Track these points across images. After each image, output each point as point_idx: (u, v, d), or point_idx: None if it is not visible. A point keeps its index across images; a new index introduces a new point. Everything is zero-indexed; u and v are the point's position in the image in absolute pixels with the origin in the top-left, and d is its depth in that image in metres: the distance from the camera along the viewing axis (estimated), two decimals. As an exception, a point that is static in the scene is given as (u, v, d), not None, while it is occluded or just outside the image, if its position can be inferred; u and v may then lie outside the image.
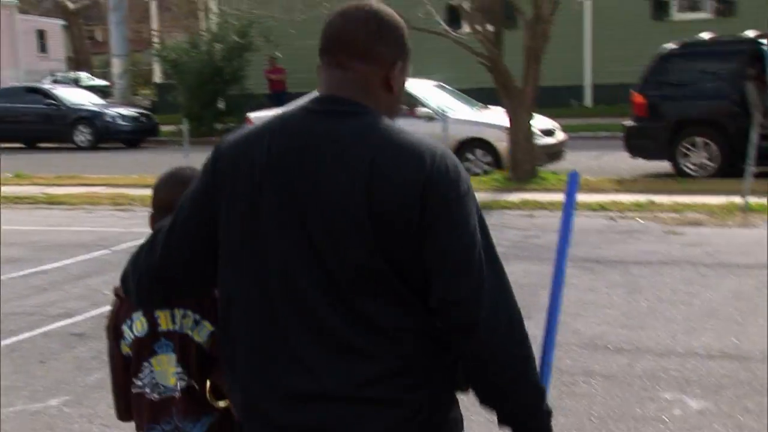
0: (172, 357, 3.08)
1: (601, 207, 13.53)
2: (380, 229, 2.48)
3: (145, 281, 2.80)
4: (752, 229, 11.92)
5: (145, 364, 3.09)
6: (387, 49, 2.68)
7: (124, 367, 3.14)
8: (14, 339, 8.30)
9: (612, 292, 9.10)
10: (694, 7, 28.78)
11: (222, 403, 3.03)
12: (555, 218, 12.95)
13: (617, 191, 15.07)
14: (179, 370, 3.09)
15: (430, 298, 2.53)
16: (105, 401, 6.60)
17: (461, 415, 2.74)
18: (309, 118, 2.64)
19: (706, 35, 17.84)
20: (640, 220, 12.68)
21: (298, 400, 2.52)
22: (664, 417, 6.02)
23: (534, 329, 7.45)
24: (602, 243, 11.33)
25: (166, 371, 3.08)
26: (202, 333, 3.08)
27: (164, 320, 3.07)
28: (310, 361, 2.51)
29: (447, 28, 16.94)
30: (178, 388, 3.08)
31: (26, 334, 8.44)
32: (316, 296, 2.52)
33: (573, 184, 3.19)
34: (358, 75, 2.66)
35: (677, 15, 28.51)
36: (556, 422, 5.90)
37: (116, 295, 3.17)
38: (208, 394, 3.07)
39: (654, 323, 8.03)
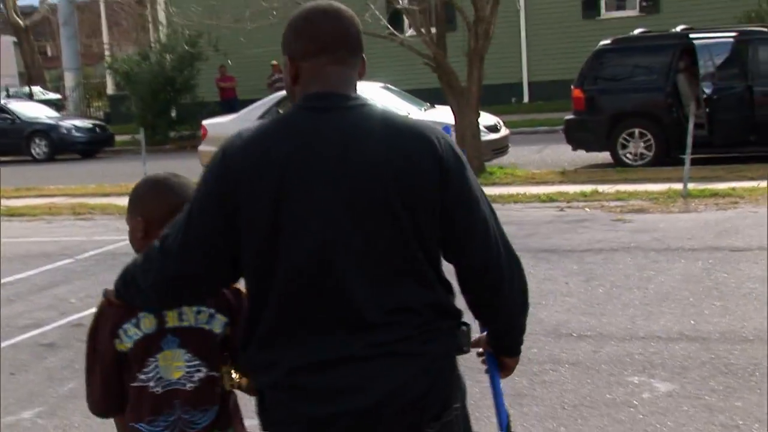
0: (177, 352, 3.07)
1: (549, 198, 13.39)
2: (409, 211, 2.64)
3: (164, 284, 2.77)
4: (694, 213, 11.82)
5: (151, 359, 3.06)
6: (362, 44, 2.79)
7: (117, 364, 3.10)
8: (-19, 352, 7.99)
9: (569, 280, 8.92)
10: (621, 6, 28.85)
11: (244, 381, 3.09)
12: (507, 210, 12.92)
13: (562, 182, 14.99)
14: (193, 363, 3.09)
15: (459, 267, 2.82)
16: (79, 411, 6.34)
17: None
18: (319, 115, 2.67)
19: (638, 31, 17.83)
20: (587, 209, 12.55)
21: (330, 366, 2.63)
22: (633, 401, 5.85)
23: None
24: (553, 233, 11.19)
25: (170, 366, 3.07)
26: (218, 325, 3.10)
27: (171, 318, 3.04)
28: (342, 332, 2.64)
29: (393, 31, 16.79)
30: (186, 380, 3.08)
31: (-6, 346, 8.13)
32: (350, 277, 2.61)
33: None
34: (353, 70, 2.76)
35: (606, 13, 28.58)
36: (530, 411, 5.79)
37: (108, 299, 3.03)
38: (229, 377, 3.15)
39: (613, 309, 7.87)
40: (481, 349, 3.27)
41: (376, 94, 18.24)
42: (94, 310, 3.15)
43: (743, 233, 10.41)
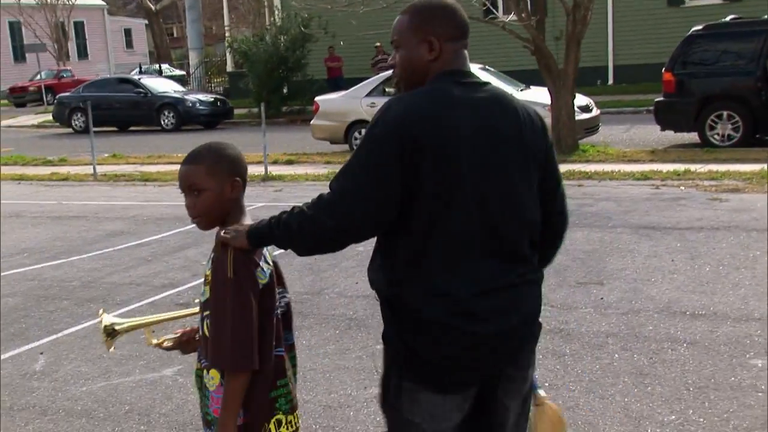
0: None
1: (644, 176, 12.70)
2: (535, 167, 2.97)
3: (364, 226, 2.84)
4: (790, 195, 11.08)
5: (279, 289, 3.09)
6: None
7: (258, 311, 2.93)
8: (125, 309, 7.68)
9: (674, 257, 8.28)
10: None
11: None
12: (602, 187, 12.29)
13: (652, 161, 14.26)
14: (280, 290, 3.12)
15: (550, 213, 3.08)
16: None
17: None
18: (469, 88, 2.91)
19: (729, 18, 17.00)
20: (682, 188, 11.83)
21: (493, 292, 2.87)
22: (761, 385, 5.27)
23: (607, 294, 6.72)
24: (652, 210, 10.53)
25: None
26: None
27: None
28: (502, 264, 2.90)
29: (496, 14, 16.22)
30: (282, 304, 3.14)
31: (135, 305, 7.82)
32: (509, 219, 2.89)
33: None
34: None
35: (690, 1, 27.40)
36: (654, 391, 5.25)
37: (238, 246, 2.91)
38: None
39: (723, 288, 7.23)
40: None
41: (477, 75, 17.71)
42: None
43: (840, 216, 9.70)
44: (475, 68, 12.71)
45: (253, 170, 16.06)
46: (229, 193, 3.00)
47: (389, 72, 19.39)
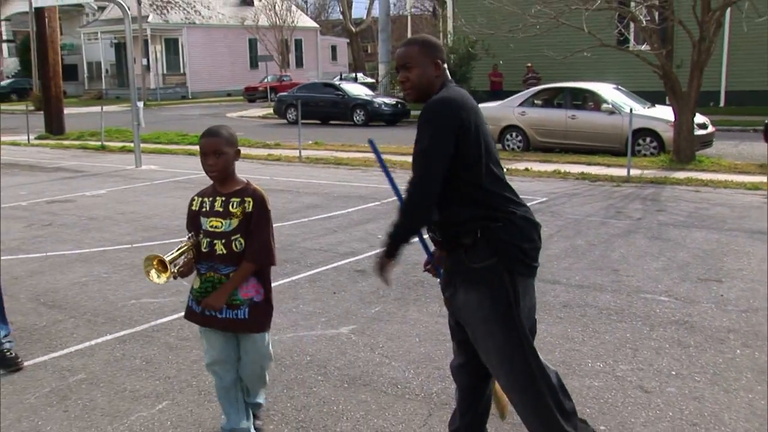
0: None
1: (755, 186, 11.47)
2: None
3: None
4: None
5: None
6: None
7: None
8: (314, 271, 7.30)
9: (787, 261, 7.30)
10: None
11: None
12: (717, 194, 11.11)
13: (761, 173, 12.93)
14: None
15: None
16: (383, 333, 5.52)
17: None
18: (460, 87, 3.28)
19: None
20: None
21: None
22: None
23: (727, 291, 5.78)
24: (762, 217, 9.36)
25: None
26: None
27: None
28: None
29: (638, 46, 15.11)
30: None
31: (322, 268, 7.42)
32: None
33: (373, 146, 3.73)
34: None
35: (797, 38, 25.22)
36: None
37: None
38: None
39: (836, 294, 6.26)
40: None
41: (610, 93, 16.64)
42: None
43: None
44: (610, 87, 11.86)
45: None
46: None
47: (538, 87, 18.58)
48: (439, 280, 3.48)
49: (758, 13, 14.87)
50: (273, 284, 3.88)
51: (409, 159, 3.30)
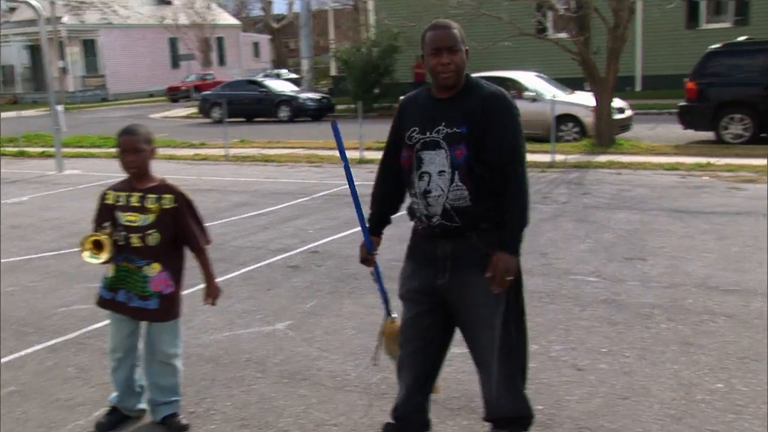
0: None
1: (672, 167, 11.85)
2: None
3: None
4: (797, 184, 10.17)
5: None
6: None
7: None
8: (246, 269, 7.25)
9: (704, 237, 7.55)
10: (717, 20, 26.10)
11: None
12: (638, 175, 11.44)
13: (677, 154, 13.36)
14: None
15: None
16: (320, 326, 5.53)
17: None
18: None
19: (742, 38, 15.95)
20: (705, 177, 10.98)
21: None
22: (794, 357, 4.62)
23: (650, 269, 5.97)
24: (680, 196, 9.73)
25: None
26: None
27: None
28: None
29: (557, 34, 15.42)
30: None
31: (254, 266, 7.38)
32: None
33: (336, 129, 3.59)
34: None
35: (705, 25, 26.00)
36: (699, 360, 4.59)
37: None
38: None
39: (751, 267, 6.49)
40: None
41: (532, 81, 16.93)
42: (327, 240, 3.96)
43: None
44: (531, 75, 12.09)
45: (350, 155, 15.60)
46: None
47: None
48: (372, 270, 3.56)
49: (668, 0, 15.33)
50: (204, 285, 3.90)
51: (334, 153, 3.36)
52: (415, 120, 3.28)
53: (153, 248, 3.83)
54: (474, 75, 3.35)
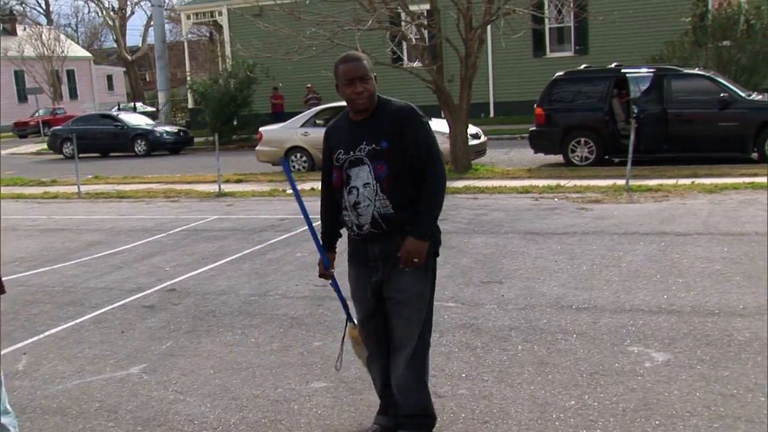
0: None
1: (525, 190, 12.23)
2: None
3: None
4: (638, 204, 10.66)
5: None
6: None
7: None
8: (99, 312, 6.90)
9: (557, 258, 7.78)
10: (560, 49, 27.35)
11: None
12: (494, 199, 11.75)
13: (530, 177, 13.85)
14: None
15: None
16: (177, 368, 5.31)
17: None
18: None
19: (583, 66, 16.79)
20: (556, 199, 11.40)
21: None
22: (639, 370, 4.80)
23: (507, 291, 6.11)
24: (534, 218, 10.04)
25: None
26: None
27: None
28: None
29: (411, 64, 15.71)
30: None
31: (108, 307, 7.03)
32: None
33: (285, 164, 4.62)
34: None
35: (550, 54, 27.23)
36: (554, 378, 4.71)
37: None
38: None
39: (599, 284, 6.74)
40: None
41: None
42: (184, 276, 3.10)
43: (680, 221, 9.33)
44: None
45: (207, 188, 15.29)
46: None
47: (319, 107, 18.76)
48: (330, 282, 4.05)
49: (514, 31, 15.95)
50: (53, 330, 3.66)
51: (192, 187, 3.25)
52: (339, 143, 3.75)
53: None
54: (332, 105, 3.59)
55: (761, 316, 5.68)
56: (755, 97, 14.78)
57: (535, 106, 15.75)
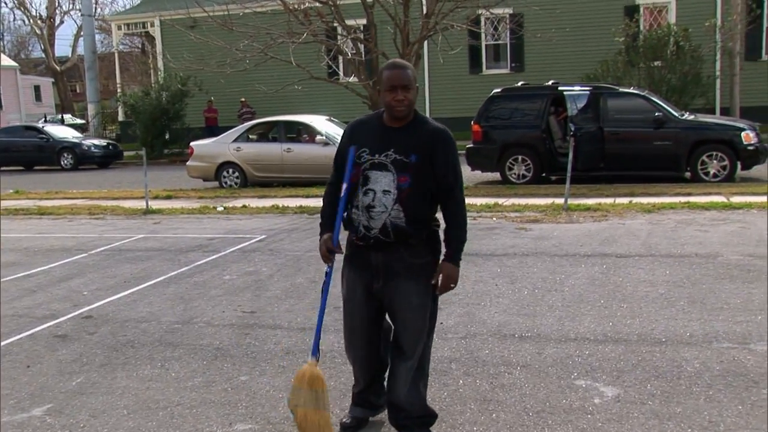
0: None
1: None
2: None
3: None
4: (577, 224, 10.44)
5: None
6: None
7: None
8: (4, 343, 6.28)
9: (497, 282, 7.45)
10: (497, 66, 27.40)
11: None
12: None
13: (468, 196, 13.48)
14: None
15: None
16: (86, 408, 4.78)
17: None
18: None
19: (520, 83, 16.69)
20: (494, 219, 11.13)
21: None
22: (588, 407, 4.45)
23: (446, 318, 5.73)
24: (472, 239, 9.48)
25: None
26: None
27: None
28: None
29: (346, 78, 15.37)
30: None
31: (15, 338, 6.41)
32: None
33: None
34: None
35: (486, 70, 27.26)
36: (498, 417, 4.34)
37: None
38: None
39: (542, 311, 6.41)
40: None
41: (323, 125, 16.79)
42: (103, 302, 2.89)
43: (620, 242, 9.13)
44: (322, 119, 11.91)
45: (135, 204, 14.60)
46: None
47: (252, 122, 18.25)
48: (327, 270, 3.99)
49: (451, 47, 15.75)
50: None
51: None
52: (366, 142, 3.75)
53: None
54: (265, 120, 3.17)
55: (708, 344, 5.44)
56: (687, 116, 14.86)
57: (472, 123, 15.56)
